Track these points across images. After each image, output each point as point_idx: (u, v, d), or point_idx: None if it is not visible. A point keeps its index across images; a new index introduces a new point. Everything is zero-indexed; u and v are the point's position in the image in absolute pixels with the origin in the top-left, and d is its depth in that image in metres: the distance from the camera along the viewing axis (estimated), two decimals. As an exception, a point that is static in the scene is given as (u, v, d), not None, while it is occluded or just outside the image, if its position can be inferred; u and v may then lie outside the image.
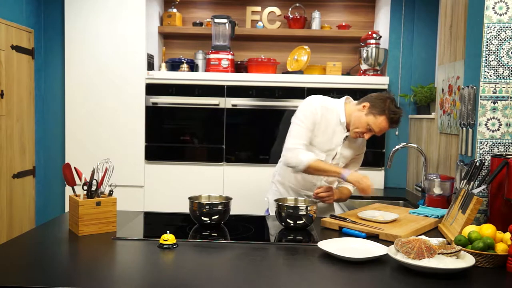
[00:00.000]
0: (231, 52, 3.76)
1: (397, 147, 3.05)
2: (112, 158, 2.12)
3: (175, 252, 1.74)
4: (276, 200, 2.16)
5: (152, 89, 3.68)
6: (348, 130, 2.38)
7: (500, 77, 2.16)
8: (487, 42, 2.16)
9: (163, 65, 3.82)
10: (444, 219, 2.16)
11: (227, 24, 3.73)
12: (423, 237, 1.70)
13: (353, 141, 2.44)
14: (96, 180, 1.98)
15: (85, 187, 1.97)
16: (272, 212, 2.46)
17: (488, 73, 2.17)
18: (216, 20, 3.74)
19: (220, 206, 2.09)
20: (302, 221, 2.06)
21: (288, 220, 2.07)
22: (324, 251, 1.71)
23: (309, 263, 1.66)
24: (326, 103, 2.39)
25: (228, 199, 2.19)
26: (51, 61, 3.89)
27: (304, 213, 2.06)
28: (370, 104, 2.32)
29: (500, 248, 1.66)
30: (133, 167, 3.68)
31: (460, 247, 1.61)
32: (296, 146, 2.31)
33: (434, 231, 2.12)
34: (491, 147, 2.18)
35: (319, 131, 2.35)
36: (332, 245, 1.75)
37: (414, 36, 3.75)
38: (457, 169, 2.40)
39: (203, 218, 2.07)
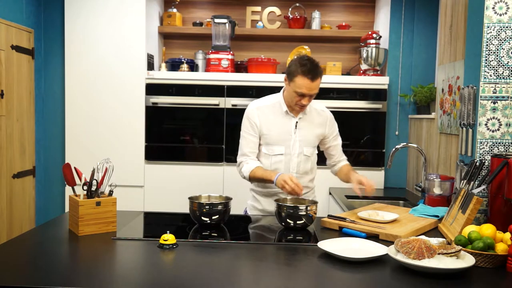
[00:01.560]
0: (231, 52, 3.76)
1: (397, 147, 3.06)
2: (112, 158, 2.12)
3: (175, 252, 1.74)
4: (276, 200, 2.16)
5: (152, 89, 3.68)
6: (295, 115, 2.43)
7: (500, 77, 2.16)
8: (487, 42, 2.16)
9: (163, 65, 3.82)
10: (444, 219, 2.16)
11: (227, 24, 3.73)
12: (423, 237, 1.71)
13: (307, 122, 2.45)
14: (96, 180, 1.98)
15: (85, 187, 1.97)
16: (250, 212, 2.55)
17: (488, 73, 2.17)
18: (216, 20, 3.74)
19: (220, 206, 2.09)
20: (302, 221, 2.06)
21: (288, 220, 2.07)
22: (324, 251, 1.71)
23: (309, 263, 1.66)
24: (262, 102, 2.47)
25: (228, 199, 2.19)
26: (51, 61, 3.89)
27: (304, 213, 2.06)
28: (286, 75, 2.36)
29: (500, 248, 1.66)
30: (133, 167, 3.68)
31: (460, 247, 1.61)
32: (240, 160, 2.46)
33: (434, 231, 2.12)
34: (491, 147, 2.18)
35: (266, 129, 2.41)
36: (332, 245, 1.75)
37: (414, 36, 3.75)
38: (457, 169, 2.40)
39: (203, 218, 2.07)
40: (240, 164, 2.45)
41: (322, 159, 3.67)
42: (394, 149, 3.06)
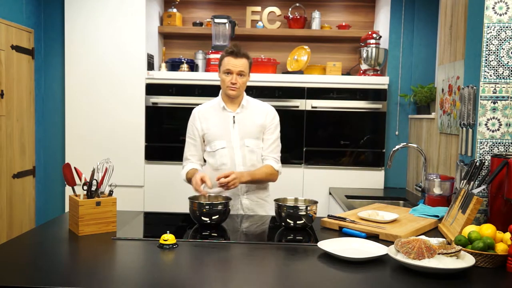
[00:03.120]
0: (231, 52, 3.76)
1: (397, 147, 3.05)
2: (112, 158, 2.12)
3: (175, 252, 1.74)
4: (276, 200, 2.17)
5: (152, 89, 3.68)
6: (233, 110, 2.50)
7: (500, 77, 2.16)
8: (487, 42, 2.16)
9: (163, 65, 3.82)
10: (444, 219, 2.16)
11: (227, 24, 3.73)
12: (423, 237, 1.71)
13: (246, 116, 2.50)
14: (96, 180, 1.98)
15: (85, 187, 1.97)
16: None
17: (488, 73, 2.17)
18: (216, 20, 3.74)
19: (220, 206, 2.10)
20: (302, 221, 2.06)
21: (288, 220, 2.07)
22: (324, 251, 1.71)
23: (309, 263, 1.66)
24: (203, 106, 2.61)
25: (228, 199, 2.19)
26: (51, 61, 3.89)
27: (304, 213, 2.06)
28: (218, 67, 2.54)
29: (500, 248, 1.66)
30: (133, 167, 3.68)
31: (460, 247, 1.61)
32: (183, 165, 2.59)
33: (434, 231, 2.12)
34: (491, 147, 2.18)
35: (207, 128, 2.51)
36: (332, 245, 1.75)
37: (414, 36, 3.75)
38: (457, 169, 2.40)
39: (203, 218, 2.08)
40: (183, 168, 2.56)
41: (322, 159, 3.69)
42: (394, 149, 3.06)
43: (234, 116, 2.49)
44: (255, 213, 2.48)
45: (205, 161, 2.59)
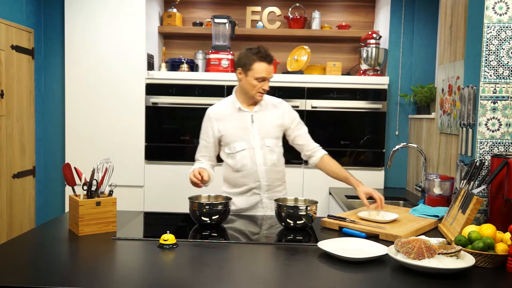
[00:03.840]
0: (231, 52, 3.76)
1: (397, 147, 3.05)
2: (112, 158, 2.12)
3: (175, 252, 1.74)
4: (276, 200, 2.17)
5: (152, 89, 3.68)
6: (250, 109, 2.47)
7: (500, 77, 2.16)
8: (487, 42, 2.16)
9: (163, 65, 3.82)
10: (444, 219, 2.16)
11: (227, 24, 3.73)
12: (423, 237, 1.71)
13: (263, 115, 2.47)
14: (96, 180, 1.98)
15: (85, 187, 1.97)
16: None
17: (488, 73, 2.17)
18: (216, 20, 3.74)
19: (220, 206, 2.10)
20: (302, 221, 2.06)
21: (288, 220, 2.07)
22: (324, 251, 1.71)
23: (309, 263, 1.65)
24: (217, 106, 2.53)
25: (228, 199, 2.19)
26: (51, 61, 3.89)
27: (304, 213, 2.06)
28: (241, 67, 2.41)
29: (500, 248, 1.66)
30: (133, 167, 3.68)
31: (460, 247, 1.61)
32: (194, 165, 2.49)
33: (434, 231, 2.12)
34: (491, 147, 2.18)
35: (224, 129, 2.45)
36: (332, 245, 1.75)
37: (414, 36, 3.75)
38: (457, 169, 2.40)
39: (203, 218, 2.08)
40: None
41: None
42: (394, 149, 3.06)
43: (252, 115, 2.46)
44: (273, 210, 2.45)
45: (219, 161, 2.55)
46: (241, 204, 2.49)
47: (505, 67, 2.16)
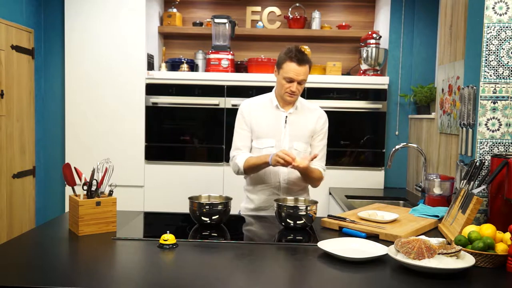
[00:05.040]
0: (231, 52, 3.76)
1: (397, 147, 3.05)
2: (112, 158, 2.12)
3: (175, 252, 1.74)
4: (276, 200, 2.16)
5: (152, 89, 3.68)
6: (286, 110, 2.45)
7: (500, 77, 2.16)
8: (487, 42, 2.16)
9: (163, 65, 3.82)
10: (444, 219, 2.16)
11: (227, 24, 3.73)
12: (423, 237, 1.70)
13: (298, 118, 2.46)
14: (96, 180, 1.98)
15: (85, 187, 1.97)
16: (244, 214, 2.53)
17: (488, 73, 2.17)
18: (216, 20, 3.74)
19: (220, 206, 2.09)
20: (302, 221, 2.06)
21: (288, 220, 2.07)
22: (324, 251, 1.71)
23: (309, 263, 1.65)
24: (254, 100, 2.53)
25: (228, 199, 2.19)
26: (51, 61, 3.89)
27: (304, 213, 2.06)
28: (276, 65, 2.42)
29: (500, 248, 1.66)
30: (133, 167, 3.68)
31: (460, 247, 1.61)
32: (233, 154, 2.47)
33: (434, 231, 2.12)
34: (491, 147, 2.18)
35: (256, 123, 2.44)
36: (332, 245, 1.75)
37: (414, 36, 3.75)
38: (457, 169, 2.40)
39: (203, 218, 2.07)
40: (233, 158, 2.46)
41: (322, 159, 3.68)
42: (394, 149, 3.06)
43: (286, 116, 2.44)
44: None
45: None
46: (260, 203, 2.48)
47: (505, 67, 2.16)
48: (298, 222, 2.06)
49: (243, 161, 2.40)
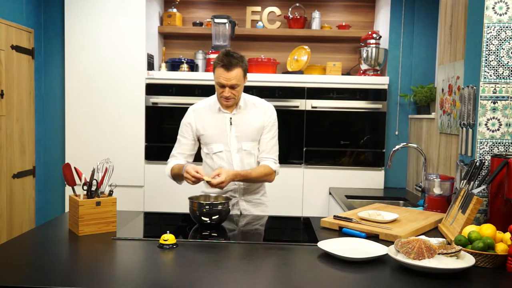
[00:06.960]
0: (231, 52, 3.76)
1: (397, 147, 3.05)
2: (112, 158, 2.12)
3: (175, 252, 1.74)
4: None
5: (152, 89, 3.68)
6: (230, 111, 2.44)
7: (500, 77, 2.16)
8: (487, 42, 2.16)
9: (163, 65, 3.82)
10: (444, 219, 2.16)
11: (227, 24, 3.73)
12: (423, 237, 1.71)
13: (243, 117, 2.43)
14: (96, 180, 1.98)
15: (85, 187, 1.97)
16: None
17: (488, 73, 2.17)
18: (216, 20, 3.74)
19: (220, 206, 2.09)
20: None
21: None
22: (324, 251, 1.71)
23: (309, 263, 1.66)
24: (198, 104, 2.50)
25: (228, 199, 2.19)
26: (51, 61, 3.89)
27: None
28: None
29: (500, 248, 1.66)
30: (133, 167, 3.68)
31: (460, 247, 1.61)
32: (168, 160, 2.49)
33: (434, 231, 2.12)
34: (491, 147, 2.18)
35: (203, 129, 2.43)
36: (332, 245, 1.75)
37: (414, 36, 3.75)
38: (457, 169, 2.40)
39: (203, 218, 2.08)
40: (167, 164, 2.49)
41: (322, 159, 3.69)
42: (394, 149, 3.06)
43: (231, 118, 2.42)
44: (251, 214, 2.47)
45: (199, 160, 2.53)
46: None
47: (505, 67, 2.16)
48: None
49: (169, 169, 2.45)
